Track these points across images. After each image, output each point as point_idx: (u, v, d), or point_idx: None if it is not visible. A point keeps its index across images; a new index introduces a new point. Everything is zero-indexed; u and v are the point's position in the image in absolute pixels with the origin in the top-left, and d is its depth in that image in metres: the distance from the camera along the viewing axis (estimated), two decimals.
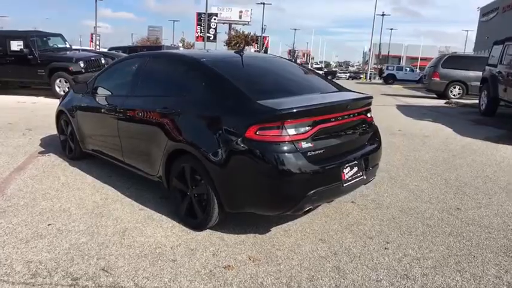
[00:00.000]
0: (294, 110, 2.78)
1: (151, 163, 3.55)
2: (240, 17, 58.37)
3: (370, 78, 42.55)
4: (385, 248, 2.97)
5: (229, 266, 2.68)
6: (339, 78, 44.39)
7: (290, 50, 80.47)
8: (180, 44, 64.47)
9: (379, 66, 46.87)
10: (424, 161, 5.52)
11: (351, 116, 3.21)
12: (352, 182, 3.12)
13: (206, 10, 36.65)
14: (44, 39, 12.50)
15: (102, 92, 4.42)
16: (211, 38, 42.99)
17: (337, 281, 2.53)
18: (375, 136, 3.58)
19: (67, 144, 5.14)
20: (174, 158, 3.28)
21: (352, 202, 3.86)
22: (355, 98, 3.39)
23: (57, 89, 11.64)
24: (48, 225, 3.21)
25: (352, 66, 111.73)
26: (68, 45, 13.27)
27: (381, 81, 34.84)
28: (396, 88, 23.40)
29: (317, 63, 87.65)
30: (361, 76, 49.35)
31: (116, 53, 16.77)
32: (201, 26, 41.89)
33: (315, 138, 2.88)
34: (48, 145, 5.80)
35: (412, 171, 5.01)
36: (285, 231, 3.21)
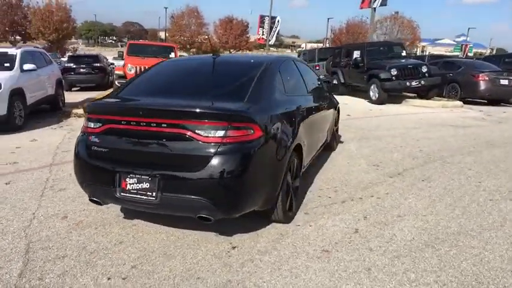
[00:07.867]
0: (90, 106, 3.21)
1: None
2: None
3: None
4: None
5: (79, 223, 3.64)
6: None
7: None
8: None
9: None
10: None
11: (155, 125, 2.84)
12: (135, 196, 2.90)
13: None
14: (381, 48, 13.84)
15: None
16: None
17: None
18: (203, 161, 2.74)
19: None
20: None
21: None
22: (160, 107, 2.98)
23: (371, 94, 12.76)
24: None
25: None
26: (403, 54, 13.85)
27: None
28: None
29: None
30: None
31: None
32: None
33: (105, 136, 3.06)
34: None
35: None
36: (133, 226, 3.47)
